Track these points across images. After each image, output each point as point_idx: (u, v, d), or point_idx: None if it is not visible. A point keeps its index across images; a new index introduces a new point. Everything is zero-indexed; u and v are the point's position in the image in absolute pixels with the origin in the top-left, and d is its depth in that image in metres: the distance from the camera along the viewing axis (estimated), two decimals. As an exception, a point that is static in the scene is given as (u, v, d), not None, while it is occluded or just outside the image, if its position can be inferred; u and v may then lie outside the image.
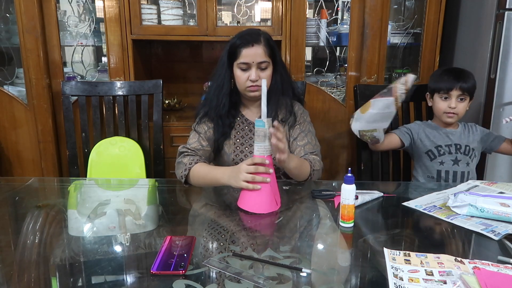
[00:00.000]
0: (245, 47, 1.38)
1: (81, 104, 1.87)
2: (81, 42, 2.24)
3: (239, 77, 1.42)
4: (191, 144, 1.46)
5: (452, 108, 1.59)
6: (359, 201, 1.19)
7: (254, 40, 1.39)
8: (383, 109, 1.49)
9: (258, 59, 1.38)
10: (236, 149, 1.47)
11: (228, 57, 1.42)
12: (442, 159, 1.62)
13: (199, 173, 1.34)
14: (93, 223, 1.12)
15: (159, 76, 2.41)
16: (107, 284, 0.83)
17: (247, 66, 1.39)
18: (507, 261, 0.89)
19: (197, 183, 1.37)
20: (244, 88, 1.43)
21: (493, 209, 1.09)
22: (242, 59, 1.39)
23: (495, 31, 1.89)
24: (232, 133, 1.49)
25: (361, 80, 2.19)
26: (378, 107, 1.49)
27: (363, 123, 1.56)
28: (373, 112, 1.51)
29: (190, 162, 1.37)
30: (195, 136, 1.47)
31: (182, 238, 0.99)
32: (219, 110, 1.45)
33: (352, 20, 2.15)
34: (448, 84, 1.59)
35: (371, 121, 1.54)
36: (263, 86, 1.15)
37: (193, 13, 2.23)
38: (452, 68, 1.69)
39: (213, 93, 1.47)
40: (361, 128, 1.57)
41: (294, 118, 1.51)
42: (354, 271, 0.89)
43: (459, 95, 1.59)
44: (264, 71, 1.41)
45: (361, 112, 1.55)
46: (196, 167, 1.35)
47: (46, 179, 1.91)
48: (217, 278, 0.84)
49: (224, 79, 1.44)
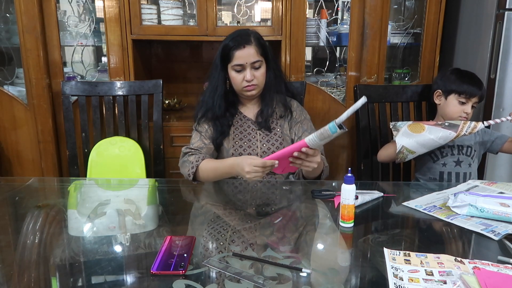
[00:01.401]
0: (237, 49, 1.42)
1: (81, 104, 1.87)
2: (81, 42, 2.24)
3: (235, 78, 1.46)
4: (193, 143, 1.50)
5: (466, 114, 1.59)
6: (359, 201, 1.19)
7: (245, 41, 1.43)
8: (439, 139, 1.49)
9: (251, 59, 1.43)
10: (235, 144, 1.50)
11: (221, 59, 1.47)
12: (445, 160, 1.62)
13: (208, 168, 1.38)
14: (93, 223, 1.12)
15: (159, 76, 2.41)
16: (107, 284, 0.83)
17: (241, 67, 1.44)
18: (507, 261, 0.89)
19: (206, 178, 1.40)
20: (240, 89, 1.48)
21: (493, 209, 1.09)
22: (236, 61, 1.43)
23: (495, 31, 1.89)
24: (231, 130, 1.53)
25: (361, 80, 2.19)
26: (437, 135, 1.49)
27: (413, 142, 1.52)
28: (429, 137, 1.49)
29: (196, 160, 1.40)
30: (197, 136, 1.51)
31: (182, 238, 0.99)
32: (216, 111, 1.49)
33: (352, 20, 2.15)
34: (472, 90, 1.58)
35: (421, 144, 1.52)
36: (358, 103, 1.07)
37: (193, 13, 2.23)
38: (471, 73, 1.66)
39: (209, 95, 1.52)
40: (408, 145, 1.53)
41: (290, 113, 1.56)
42: (354, 271, 0.89)
43: (475, 102, 1.60)
44: (258, 70, 1.46)
45: (411, 130, 1.53)
46: (204, 163, 1.39)
47: (46, 179, 1.91)
48: (217, 278, 0.84)
49: (218, 81, 1.49)
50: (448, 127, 1.48)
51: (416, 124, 1.55)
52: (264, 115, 1.52)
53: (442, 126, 1.50)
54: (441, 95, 1.67)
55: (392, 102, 1.85)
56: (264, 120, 1.52)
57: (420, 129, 1.52)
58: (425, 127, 1.52)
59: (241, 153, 1.49)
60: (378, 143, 1.83)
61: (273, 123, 1.54)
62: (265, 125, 1.52)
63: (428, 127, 1.51)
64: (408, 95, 1.86)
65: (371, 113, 1.82)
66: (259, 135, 1.52)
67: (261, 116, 1.53)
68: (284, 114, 1.55)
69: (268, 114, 1.52)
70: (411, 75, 2.36)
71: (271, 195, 1.35)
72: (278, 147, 1.51)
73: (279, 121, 1.55)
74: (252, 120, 1.55)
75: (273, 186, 1.42)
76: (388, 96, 1.85)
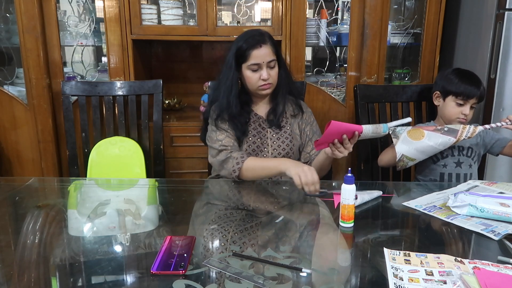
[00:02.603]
0: (254, 49, 1.44)
1: (81, 104, 1.87)
2: (81, 42, 2.24)
3: (251, 78, 1.48)
4: (222, 140, 1.48)
5: (465, 115, 1.58)
6: (359, 201, 1.19)
7: (261, 41, 1.45)
8: (439, 145, 1.49)
9: (267, 58, 1.45)
10: (249, 140, 1.53)
11: (235, 60, 1.47)
12: (445, 161, 1.61)
13: (255, 165, 1.41)
14: (93, 223, 1.12)
15: (159, 76, 2.41)
16: (107, 284, 0.83)
17: (257, 67, 1.46)
18: (507, 261, 0.89)
19: (251, 175, 1.42)
20: (256, 88, 1.49)
21: (493, 209, 1.09)
22: (253, 60, 1.45)
23: (495, 31, 1.89)
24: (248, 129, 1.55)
25: (361, 80, 2.19)
26: (436, 142, 1.48)
27: (412, 150, 1.51)
28: (428, 143, 1.48)
29: (241, 156, 1.42)
30: (222, 133, 1.50)
31: (182, 238, 0.99)
32: (232, 110, 1.49)
33: (352, 20, 2.15)
34: (470, 91, 1.56)
35: (420, 151, 1.51)
36: (404, 120, 1.31)
37: (193, 13, 2.23)
38: (469, 73, 1.64)
39: (223, 95, 1.51)
40: (408, 153, 1.52)
41: (302, 113, 1.60)
42: (354, 271, 0.89)
43: (474, 103, 1.58)
44: (273, 69, 1.49)
45: (411, 137, 1.52)
46: (249, 161, 1.41)
47: (46, 179, 1.91)
48: (217, 278, 0.84)
49: (232, 81, 1.49)
50: (448, 133, 1.47)
51: (415, 130, 1.54)
52: (275, 113, 1.55)
53: (442, 132, 1.48)
54: (439, 97, 1.65)
55: (392, 102, 1.85)
56: (276, 118, 1.54)
57: (419, 135, 1.51)
58: (425, 133, 1.50)
59: (254, 150, 1.52)
60: (378, 143, 1.83)
61: (283, 121, 1.56)
62: (276, 123, 1.54)
63: (428, 133, 1.50)
64: (408, 95, 1.86)
65: (371, 113, 1.82)
66: (269, 133, 1.54)
67: (272, 114, 1.55)
68: (295, 113, 1.59)
69: (280, 113, 1.55)
70: (411, 75, 2.36)
71: (271, 195, 1.35)
72: (288, 144, 1.54)
73: (289, 120, 1.58)
74: (263, 118, 1.57)
75: (273, 186, 1.42)
76: (388, 96, 1.85)
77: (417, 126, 1.58)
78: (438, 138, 1.48)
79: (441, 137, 1.48)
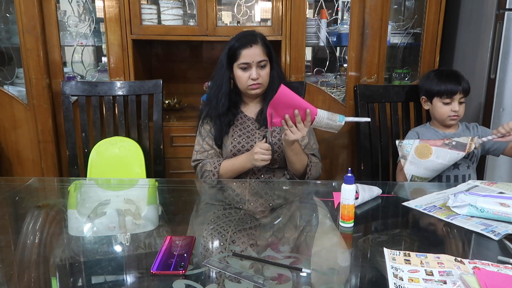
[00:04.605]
0: (244, 48, 1.47)
1: (81, 104, 1.87)
2: (81, 42, 2.24)
3: (241, 77, 1.50)
4: (198, 151, 1.57)
5: (456, 112, 1.59)
6: (359, 201, 1.19)
7: (252, 41, 1.48)
8: (448, 162, 1.48)
9: (257, 58, 1.48)
10: (234, 141, 1.55)
11: (227, 59, 1.51)
12: None
13: (227, 170, 1.51)
14: (93, 223, 1.12)
15: (159, 76, 2.41)
16: (107, 284, 0.83)
17: (247, 66, 1.48)
18: (507, 261, 0.89)
19: (227, 177, 1.52)
20: (246, 87, 1.51)
21: (493, 209, 1.09)
22: (243, 59, 1.47)
23: (495, 31, 1.89)
24: (231, 128, 1.57)
25: (361, 80, 2.19)
26: (445, 159, 1.47)
27: (421, 170, 1.50)
28: (437, 161, 1.48)
29: (214, 167, 1.51)
30: (199, 142, 1.58)
31: (182, 238, 0.99)
32: (219, 109, 1.53)
33: (352, 20, 2.15)
34: (451, 88, 1.57)
35: (430, 170, 1.50)
36: (362, 119, 1.39)
37: (193, 13, 2.23)
38: (447, 71, 1.66)
39: (213, 93, 1.55)
40: (418, 174, 1.51)
41: None
42: (354, 271, 0.89)
43: (461, 98, 1.59)
44: (263, 69, 1.51)
45: (418, 156, 1.50)
46: (222, 168, 1.51)
47: (46, 179, 1.91)
48: (217, 278, 0.84)
49: (223, 79, 1.53)
50: (456, 147, 1.47)
51: (422, 146, 1.51)
52: (264, 114, 1.53)
53: (450, 147, 1.47)
54: (426, 101, 1.68)
55: (392, 102, 1.85)
56: (264, 119, 1.52)
57: (427, 152, 1.49)
58: (432, 149, 1.48)
59: (240, 150, 1.53)
60: (378, 143, 1.83)
61: None
62: (265, 124, 1.53)
63: (435, 149, 1.48)
64: (408, 95, 1.86)
65: (371, 113, 1.82)
66: (257, 133, 1.55)
67: (261, 115, 1.56)
68: None
69: None
70: (411, 75, 2.36)
71: (271, 195, 1.35)
72: (276, 143, 1.54)
73: None
74: (252, 119, 1.58)
75: (273, 186, 1.42)
76: (388, 96, 1.85)
77: (424, 141, 1.55)
78: (447, 154, 1.47)
79: (450, 152, 1.47)
